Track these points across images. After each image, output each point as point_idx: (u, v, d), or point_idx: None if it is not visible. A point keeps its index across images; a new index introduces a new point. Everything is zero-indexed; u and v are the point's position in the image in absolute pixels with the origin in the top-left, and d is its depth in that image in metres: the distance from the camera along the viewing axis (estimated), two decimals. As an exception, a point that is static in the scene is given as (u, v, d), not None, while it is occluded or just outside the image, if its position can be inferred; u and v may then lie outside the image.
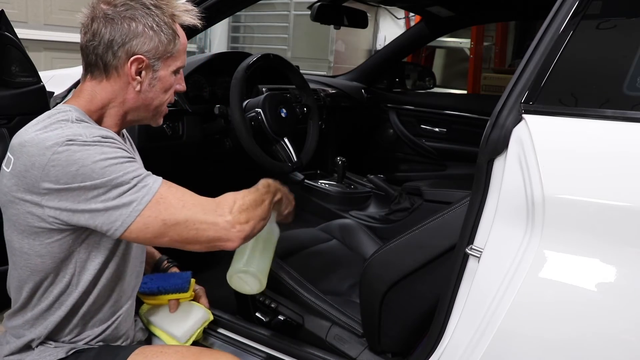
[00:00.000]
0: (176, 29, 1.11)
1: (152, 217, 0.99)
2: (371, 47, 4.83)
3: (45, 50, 4.17)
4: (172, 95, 1.17)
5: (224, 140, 1.92)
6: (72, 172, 0.96)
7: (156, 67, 1.10)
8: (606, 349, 0.88)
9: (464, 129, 2.58)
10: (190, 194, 1.05)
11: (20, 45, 1.41)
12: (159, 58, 1.09)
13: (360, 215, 2.14)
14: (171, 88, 1.15)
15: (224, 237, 1.04)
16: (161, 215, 1.00)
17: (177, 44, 1.11)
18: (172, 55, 1.11)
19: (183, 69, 1.17)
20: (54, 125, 1.01)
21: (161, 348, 1.15)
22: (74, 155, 0.96)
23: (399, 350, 1.32)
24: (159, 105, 1.15)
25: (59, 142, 0.96)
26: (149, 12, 1.06)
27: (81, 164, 0.96)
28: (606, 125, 0.89)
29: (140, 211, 0.98)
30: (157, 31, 1.07)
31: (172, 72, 1.13)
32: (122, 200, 0.98)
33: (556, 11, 0.97)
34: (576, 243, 0.90)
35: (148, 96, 1.12)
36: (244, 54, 2.04)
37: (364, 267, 1.28)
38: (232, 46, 5.47)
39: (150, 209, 0.99)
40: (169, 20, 1.09)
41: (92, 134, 1.00)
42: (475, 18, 2.77)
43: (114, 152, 1.00)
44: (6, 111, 1.35)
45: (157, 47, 1.08)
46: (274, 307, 1.45)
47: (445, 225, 1.13)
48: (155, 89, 1.12)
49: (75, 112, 1.06)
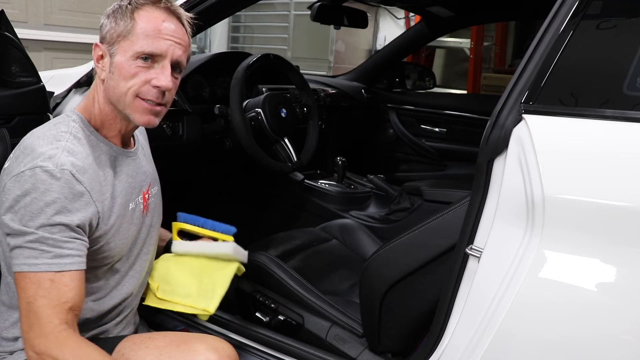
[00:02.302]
0: (136, 14, 1.07)
1: (17, 280, 0.98)
2: (371, 47, 4.83)
3: (45, 50, 4.16)
4: (149, 89, 1.08)
5: (224, 140, 1.92)
6: (15, 196, 0.97)
7: (112, 52, 1.08)
8: (606, 349, 0.88)
9: (464, 129, 2.58)
10: (46, 301, 0.96)
11: (20, 45, 1.41)
12: (112, 43, 1.07)
13: (360, 215, 2.14)
14: (134, 77, 1.06)
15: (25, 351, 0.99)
16: (18, 287, 0.98)
17: (130, 26, 1.06)
18: (127, 39, 1.06)
19: (165, 63, 1.08)
20: (51, 136, 1.03)
21: (150, 334, 1.14)
22: (27, 185, 0.97)
23: (399, 350, 1.32)
24: (121, 94, 1.07)
25: (32, 166, 0.98)
26: (118, 3, 1.09)
27: (23, 195, 0.97)
28: (606, 125, 0.89)
29: (15, 271, 0.98)
30: (112, 17, 1.08)
31: (132, 57, 1.06)
32: (14, 251, 0.98)
33: (556, 11, 0.97)
34: (576, 243, 0.90)
35: (110, 84, 1.08)
36: (244, 54, 2.03)
37: (364, 267, 1.28)
38: (232, 46, 5.47)
39: (18, 276, 0.98)
40: (130, 6, 1.08)
41: (62, 165, 0.98)
42: (475, 18, 2.77)
43: (51, 209, 0.97)
44: (6, 111, 1.35)
45: (111, 32, 1.07)
46: (274, 307, 1.45)
47: (445, 225, 1.13)
48: (115, 77, 1.07)
49: (79, 122, 1.08)
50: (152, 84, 1.07)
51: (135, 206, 1.16)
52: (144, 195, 1.19)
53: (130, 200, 1.14)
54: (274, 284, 1.47)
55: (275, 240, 1.76)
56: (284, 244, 1.73)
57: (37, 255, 0.96)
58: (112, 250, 1.10)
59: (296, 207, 2.25)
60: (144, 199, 1.20)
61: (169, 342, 1.08)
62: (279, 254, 1.64)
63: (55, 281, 0.96)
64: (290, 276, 1.48)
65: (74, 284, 0.98)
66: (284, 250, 1.68)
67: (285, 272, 1.48)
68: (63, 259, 0.97)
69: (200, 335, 1.13)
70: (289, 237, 1.80)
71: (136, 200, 1.16)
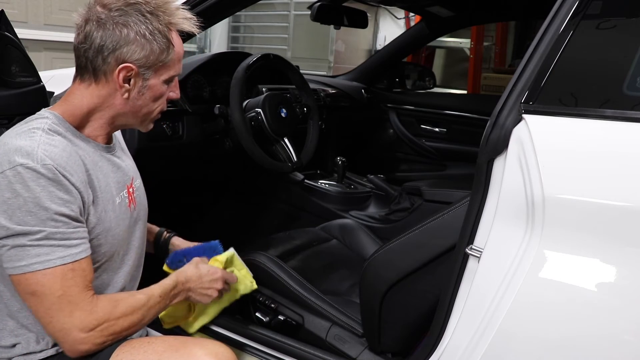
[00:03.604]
0: (171, 38, 1.08)
1: (28, 281, 0.98)
2: (371, 47, 4.83)
3: (45, 50, 4.17)
4: (165, 103, 1.15)
5: (224, 140, 1.92)
6: (4, 199, 0.96)
7: (147, 76, 1.07)
8: (606, 349, 0.88)
9: (464, 129, 2.58)
10: (77, 288, 1.00)
11: (20, 45, 1.41)
12: (149, 67, 1.06)
13: (360, 215, 2.14)
14: (162, 96, 1.13)
15: (63, 344, 1.02)
16: (34, 288, 0.98)
17: (171, 53, 1.08)
18: (165, 65, 1.08)
19: (178, 75, 1.15)
20: (24, 134, 1.01)
21: (148, 339, 1.13)
22: (15, 185, 0.96)
23: (399, 350, 1.32)
24: (147, 112, 1.13)
25: (12, 165, 0.96)
26: (144, 20, 1.03)
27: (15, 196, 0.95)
28: (606, 125, 0.89)
29: (24, 272, 0.97)
30: (150, 39, 1.04)
31: (164, 81, 1.10)
32: (18, 253, 0.97)
33: (556, 11, 0.97)
34: (576, 243, 0.90)
35: (137, 104, 1.10)
36: (244, 54, 2.03)
37: (364, 267, 1.28)
38: (232, 46, 5.47)
39: (32, 276, 0.97)
40: (164, 28, 1.06)
41: (43, 160, 0.97)
42: (475, 18, 2.77)
43: (48, 201, 0.97)
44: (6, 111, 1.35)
45: (149, 55, 1.05)
46: (274, 307, 1.45)
47: (445, 225, 1.13)
48: (145, 97, 1.10)
49: (53, 119, 1.05)
50: (170, 97, 1.15)
51: (121, 201, 1.15)
52: (128, 189, 1.19)
53: (116, 195, 1.14)
54: (274, 284, 1.47)
55: (275, 240, 1.76)
56: (284, 244, 1.73)
57: (49, 252, 0.97)
58: (103, 246, 1.09)
59: (296, 207, 2.25)
60: (129, 193, 1.19)
61: (167, 346, 1.07)
62: (279, 254, 1.64)
63: (75, 269, 1.00)
64: (290, 276, 1.48)
65: (89, 266, 1.04)
66: (284, 250, 1.68)
67: (285, 272, 1.48)
68: (75, 249, 1.00)
69: (199, 339, 1.12)
70: (289, 237, 1.80)
71: (121, 195, 1.16)
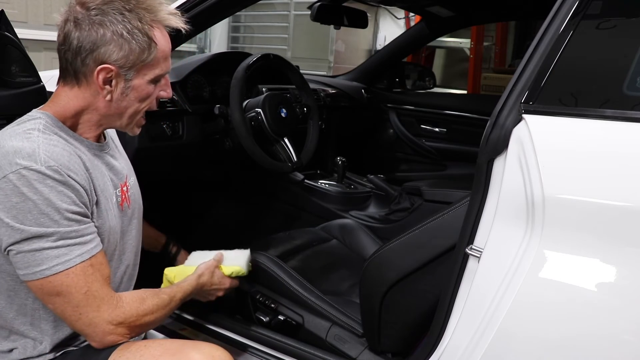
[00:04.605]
0: (153, 36, 1.03)
1: (52, 284, 0.98)
2: (371, 47, 4.83)
3: (45, 50, 4.17)
4: (153, 103, 1.12)
5: (224, 140, 1.92)
6: (12, 203, 0.95)
7: (129, 76, 1.04)
8: (606, 349, 0.88)
9: (464, 129, 2.58)
10: (98, 282, 1.02)
11: (20, 45, 1.41)
12: (131, 67, 1.03)
13: (360, 215, 2.14)
14: (149, 97, 1.09)
15: (93, 337, 1.04)
16: (59, 289, 0.98)
17: (153, 52, 1.04)
18: (148, 64, 1.04)
19: (169, 73, 1.13)
20: (19, 135, 0.99)
21: (145, 342, 1.13)
22: (22, 188, 0.95)
23: (399, 350, 1.32)
24: (134, 113, 1.10)
25: (14, 168, 0.95)
26: (121, 18, 1.00)
27: (23, 200, 0.95)
28: (606, 125, 0.89)
29: (46, 276, 0.97)
30: (128, 39, 1.00)
31: (150, 80, 1.07)
32: (36, 257, 0.96)
33: (556, 11, 0.97)
34: (576, 243, 0.90)
35: (121, 105, 1.07)
36: (244, 54, 2.03)
37: (364, 267, 1.28)
38: (232, 46, 5.47)
39: (56, 278, 0.98)
40: (144, 26, 1.01)
41: (46, 161, 0.96)
42: (475, 18, 2.77)
43: (59, 201, 0.97)
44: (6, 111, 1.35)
45: (128, 55, 1.01)
46: (274, 307, 1.45)
47: (445, 225, 1.13)
48: (129, 98, 1.07)
49: (46, 119, 1.04)
50: (160, 96, 1.12)
51: (116, 199, 1.15)
52: (122, 187, 1.18)
53: (112, 193, 1.13)
54: (274, 284, 1.47)
55: (275, 240, 1.76)
56: (284, 244, 1.73)
57: (67, 252, 0.98)
58: (105, 246, 1.09)
59: (296, 207, 2.25)
60: (123, 192, 1.18)
61: (164, 350, 1.06)
62: (279, 254, 1.64)
63: (94, 264, 1.02)
64: (290, 276, 1.48)
65: (105, 258, 1.06)
66: (284, 250, 1.68)
67: (285, 272, 1.48)
68: (90, 244, 1.02)
69: (196, 343, 1.11)
70: (289, 237, 1.80)
71: (116, 193, 1.15)
